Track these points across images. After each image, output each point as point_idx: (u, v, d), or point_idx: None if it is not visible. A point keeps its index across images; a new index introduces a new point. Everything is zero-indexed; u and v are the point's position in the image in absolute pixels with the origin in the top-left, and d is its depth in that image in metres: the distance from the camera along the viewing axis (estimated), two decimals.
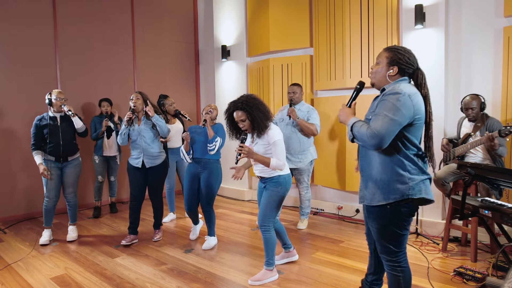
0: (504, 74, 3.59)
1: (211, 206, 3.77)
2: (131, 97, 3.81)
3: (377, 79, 2.06)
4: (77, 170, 4.02)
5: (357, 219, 4.63)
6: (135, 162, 3.85)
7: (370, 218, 2.07)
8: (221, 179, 3.83)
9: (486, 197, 3.03)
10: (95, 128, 4.97)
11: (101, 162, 5.04)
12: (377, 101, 2.02)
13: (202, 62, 6.89)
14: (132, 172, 3.89)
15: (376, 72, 2.06)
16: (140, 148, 3.82)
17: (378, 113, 1.89)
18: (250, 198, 5.94)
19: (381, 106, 1.91)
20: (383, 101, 1.91)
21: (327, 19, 4.77)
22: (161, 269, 3.26)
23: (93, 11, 5.58)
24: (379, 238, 2.05)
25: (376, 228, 2.05)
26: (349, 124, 2.00)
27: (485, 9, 3.72)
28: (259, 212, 2.95)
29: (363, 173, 2.10)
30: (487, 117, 3.41)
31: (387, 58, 2.02)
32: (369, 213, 2.07)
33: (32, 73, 5.06)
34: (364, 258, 3.40)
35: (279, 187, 2.88)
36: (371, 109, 2.05)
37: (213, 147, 3.60)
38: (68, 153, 3.91)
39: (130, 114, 3.74)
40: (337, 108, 4.65)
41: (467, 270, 2.90)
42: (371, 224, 2.09)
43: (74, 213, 4.08)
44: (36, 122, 3.87)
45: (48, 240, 3.95)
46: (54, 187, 3.88)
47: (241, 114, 2.77)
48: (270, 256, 2.95)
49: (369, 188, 2.03)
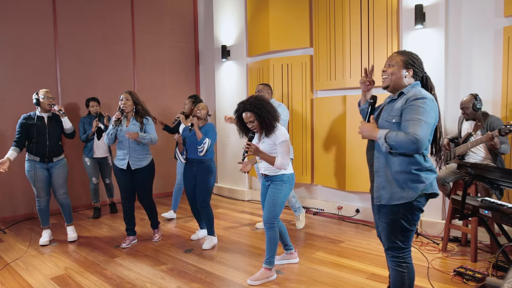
0: (504, 74, 3.59)
1: (208, 203, 3.79)
2: (120, 97, 3.74)
3: (393, 81, 2.10)
4: (65, 171, 3.96)
5: (357, 219, 4.63)
6: (121, 163, 3.77)
7: (382, 215, 2.10)
8: (215, 176, 3.95)
9: (486, 197, 3.03)
10: (83, 129, 4.86)
11: (92, 164, 4.97)
12: (396, 104, 2.05)
13: (202, 62, 6.89)
14: (118, 174, 3.82)
15: (392, 74, 2.09)
16: (127, 149, 3.73)
17: (411, 119, 1.92)
18: (250, 198, 5.93)
19: (410, 111, 1.94)
20: (411, 106, 1.95)
21: (327, 19, 4.77)
22: (161, 269, 3.26)
23: (93, 11, 5.58)
24: (389, 234, 2.09)
25: (386, 224, 2.09)
26: (380, 137, 1.99)
27: (485, 9, 3.72)
28: (264, 210, 2.99)
29: (378, 174, 2.12)
30: (487, 115, 3.41)
31: (402, 61, 2.08)
32: (381, 210, 2.10)
33: (32, 73, 5.06)
34: (364, 258, 3.41)
35: (284, 185, 2.95)
36: (390, 112, 2.07)
37: (202, 149, 3.72)
38: (53, 154, 3.86)
39: (119, 115, 3.65)
40: (337, 108, 4.67)
41: (467, 270, 2.90)
42: (381, 221, 2.12)
43: (69, 213, 4.06)
44: (22, 120, 3.78)
45: (48, 241, 3.94)
46: (42, 186, 3.84)
47: (250, 115, 2.87)
48: (272, 254, 2.98)
49: (386, 188, 2.06)
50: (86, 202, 5.53)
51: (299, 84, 5.16)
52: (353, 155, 4.54)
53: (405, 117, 1.95)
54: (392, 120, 2.03)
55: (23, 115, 3.87)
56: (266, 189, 3.05)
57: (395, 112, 2.03)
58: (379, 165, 2.11)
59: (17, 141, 3.74)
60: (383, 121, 2.08)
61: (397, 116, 2.01)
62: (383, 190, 2.08)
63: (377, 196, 2.11)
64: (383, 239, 2.16)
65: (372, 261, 3.33)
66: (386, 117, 2.07)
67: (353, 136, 4.52)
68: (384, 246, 2.17)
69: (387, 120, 2.06)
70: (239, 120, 3.00)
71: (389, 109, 2.09)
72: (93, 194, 5.08)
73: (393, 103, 2.09)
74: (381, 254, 3.49)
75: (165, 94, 6.37)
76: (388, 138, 1.94)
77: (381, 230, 2.14)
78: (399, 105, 2.02)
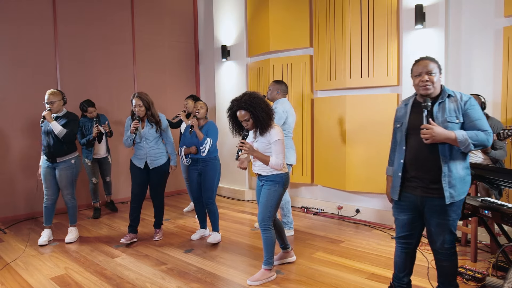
0: (504, 74, 3.59)
1: (213, 200, 3.87)
2: (133, 103, 3.73)
3: (436, 88, 2.25)
4: (68, 173, 3.90)
5: (357, 219, 4.63)
6: (138, 162, 3.88)
7: (449, 212, 2.23)
8: (220, 173, 3.96)
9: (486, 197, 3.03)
10: (82, 131, 4.79)
11: (93, 164, 4.99)
12: (448, 105, 2.22)
13: (202, 62, 6.89)
14: (134, 171, 3.91)
15: (436, 82, 2.25)
16: (144, 150, 3.83)
17: (479, 117, 2.19)
18: (250, 198, 5.94)
19: (474, 111, 2.19)
20: (473, 106, 2.20)
21: (327, 19, 4.77)
22: (161, 269, 3.26)
23: (93, 11, 5.58)
24: (451, 229, 2.25)
25: (454, 220, 2.26)
26: (461, 139, 2.12)
27: (485, 9, 3.72)
28: (258, 211, 2.96)
29: (446, 175, 2.21)
30: (488, 117, 3.41)
31: (437, 67, 2.26)
32: (449, 208, 2.22)
33: (32, 73, 5.06)
34: (364, 258, 3.41)
35: (277, 185, 2.90)
36: (447, 114, 2.22)
37: (204, 149, 3.74)
38: (56, 155, 3.85)
39: (137, 124, 3.71)
40: (337, 108, 4.67)
41: (467, 270, 2.89)
42: (445, 219, 2.24)
43: (72, 214, 4.06)
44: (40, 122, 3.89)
45: (46, 241, 3.94)
46: (49, 186, 3.90)
47: (244, 113, 2.79)
48: (270, 255, 2.96)
49: (456, 186, 2.21)
50: (86, 202, 5.53)
51: (299, 84, 5.16)
52: (353, 155, 4.54)
53: (473, 116, 2.18)
54: (455, 121, 2.21)
55: None
56: (261, 189, 3.00)
57: (453, 113, 2.21)
58: (445, 166, 2.21)
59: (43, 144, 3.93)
60: (444, 122, 2.21)
61: (459, 116, 2.21)
62: (452, 188, 2.21)
63: (448, 195, 2.21)
64: (442, 236, 2.27)
65: (372, 261, 3.33)
66: (447, 118, 2.22)
67: (353, 136, 4.53)
68: (440, 242, 2.29)
69: (450, 121, 2.21)
70: (232, 118, 2.92)
71: (443, 111, 2.24)
72: (93, 194, 5.09)
73: (442, 105, 2.25)
74: (381, 254, 3.49)
75: (165, 94, 6.37)
76: (471, 138, 2.12)
77: (437, 229, 2.26)
78: (453, 107, 2.22)
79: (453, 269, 2.35)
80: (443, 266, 2.34)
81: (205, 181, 3.83)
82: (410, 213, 2.35)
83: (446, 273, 2.34)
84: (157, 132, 3.85)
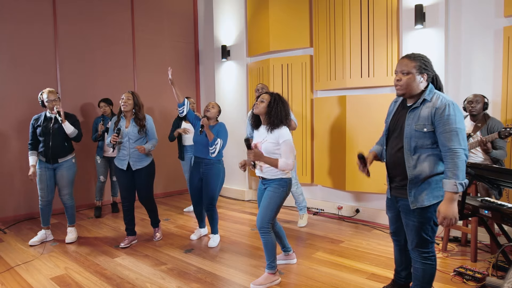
0: (504, 74, 3.59)
1: (214, 206, 3.81)
2: (122, 96, 3.72)
3: (409, 89, 2.12)
4: (70, 173, 3.92)
5: (357, 219, 4.63)
6: (121, 164, 3.77)
7: (411, 214, 2.19)
8: (223, 179, 3.84)
9: (486, 197, 3.03)
10: (96, 129, 4.97)
11: (103, 163, 5.06)
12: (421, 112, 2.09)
13: (202, 62, 6.89)
14: (119, 174, 3.83)
15: (408, 83, 2.11)
16: (127, 150, 3.74)
17: (450, 130, 1.98)
18: (250, 198, 5.94)
19: (444, 121, 2.00)
20: (448, 116, 1.99)
21: (327, 19, 4.77)
22: (161, 269, 3.26)
23: (93, 11, 5.58)
24: (419, 232, 2.17)
25: (416, 224, 2.17)
26: (461, 187, 1.98)
27: (485, 9, 3.72)
28: (258, 214, 2.92)
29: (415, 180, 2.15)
30: (488, 117, 3.41)
31: (415, 67, 2.10)
32: (410, 210, 2.19)
33: (32, 73, 5.06)
34: (364, 258, 3.41)
35: (281, 189, 2.86)
36: (417, 121, 2.10)
37: (214, 150, 3.62)
38: (57, 155, 3.84)
39: (116, 138, 3.63)
40: (337, 108, 4.67)
41: (467, 270, 2.90)
42: (413, 220, 2.18)
43: (71, 215, 4.05)
44: (32, 121, 3.87)
45: (38, 241, 3.92)
46: (45, 187, 3.86)
47: (267, 97, 2.89)
48: (272, 259, 2.91)
49: (419, 193, 2.15)
50: (87, 202, 5.53)
51: (299, 84, 5.16)
52: (353, 155, 4.54)
53: (443, 128, 2.00)
54: (423, 130, 2.06)
55: (34, 116, 3.93)
56: (263, 193, 2.97)
57: (423, 121, 2.07)
58: (411, 172, 2.16)
59: (31, 144, 3.85)
60: (411, 130, 2.11)
61: (428, 125, 2.06)
62: (416, 195, 2.16)
63: (411, 201, 2.17)
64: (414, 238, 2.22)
65: (372, 261, 3.33)
66: (415, 126, 2.10)
67: (353, 136, 4.53)
68: (413, 244, 2.24)
69: (418, 130, 2.08)
70: (254, 116, 2.98)
71: (414, 117, 2.11)
72: (98, 192, 5.12)
73: (416, 111, 2.12)
74: (381, 254, 3.49)
75: (165, 94, 6.37)
76: (455, 176, 1.97)
77: (411, 229, 2.21)
78: (426, 113, 2.06)
79: (425, 275, 2.23)
80: (414, 268, 2.28)
81: (207, 186, 3.72)
82: (394, 211, 2.41)
83: (417, 277, 2.26)
84: (140, 133, 3.73)
